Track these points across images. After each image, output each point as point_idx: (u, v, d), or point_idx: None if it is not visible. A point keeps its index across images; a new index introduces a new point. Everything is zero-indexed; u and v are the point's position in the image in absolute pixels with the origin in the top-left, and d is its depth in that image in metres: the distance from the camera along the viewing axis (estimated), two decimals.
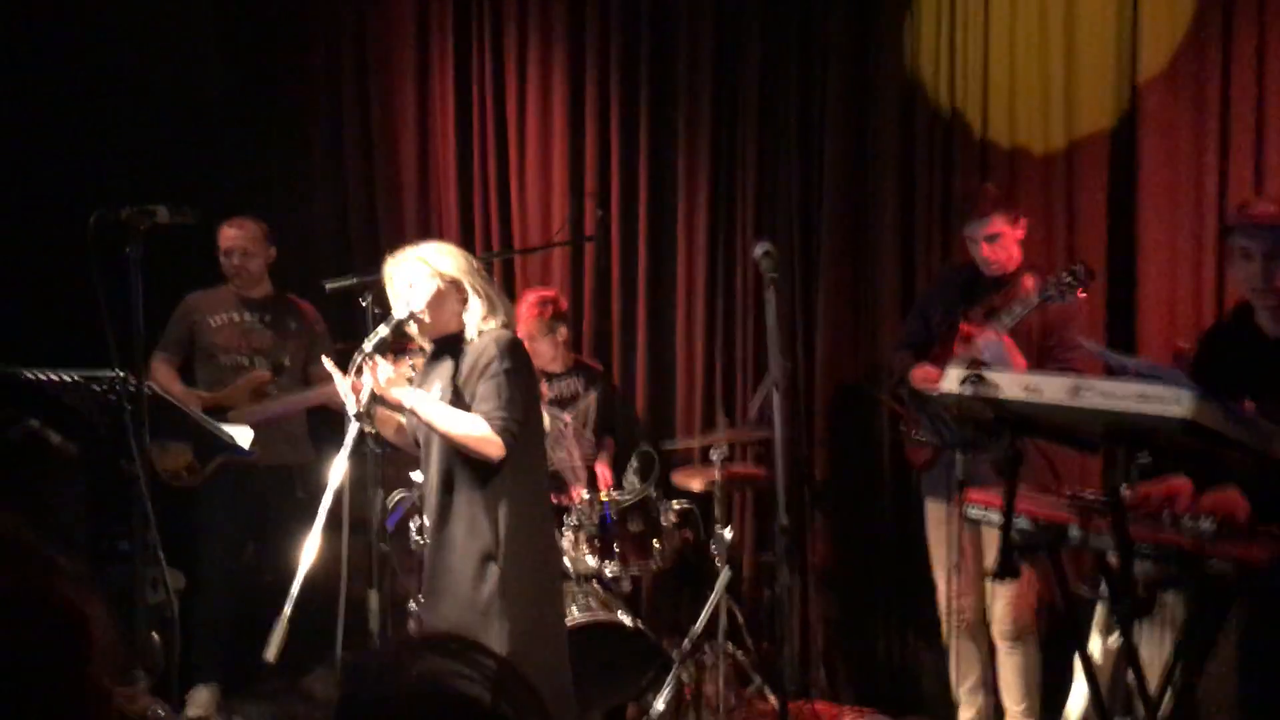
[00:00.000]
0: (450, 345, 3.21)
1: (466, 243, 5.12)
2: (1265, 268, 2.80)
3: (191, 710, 4.37)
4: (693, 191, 4.80)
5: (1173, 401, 2.35)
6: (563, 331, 4.61)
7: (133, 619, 2.50)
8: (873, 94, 4.52)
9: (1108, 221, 4.20)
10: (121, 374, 2.53)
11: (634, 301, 4.91)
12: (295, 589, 2.72)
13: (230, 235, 4.53)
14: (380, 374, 2.99)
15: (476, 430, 3.06)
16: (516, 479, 3.14)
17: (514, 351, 3.14)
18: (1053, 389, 2.62)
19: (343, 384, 3.07)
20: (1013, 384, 2.74)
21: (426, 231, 5.12)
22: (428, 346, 3.26)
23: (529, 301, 4.61)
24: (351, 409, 3.00)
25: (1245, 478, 2.68)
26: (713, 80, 4.74)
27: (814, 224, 4.61)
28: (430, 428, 3.10)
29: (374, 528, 3.10)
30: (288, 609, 2.70)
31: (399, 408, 3.11)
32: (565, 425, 4.64)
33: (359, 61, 5.31)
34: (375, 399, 3.00)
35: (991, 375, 2.80)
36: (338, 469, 2.89)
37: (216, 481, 4.46)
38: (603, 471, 4.58)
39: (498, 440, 3.06)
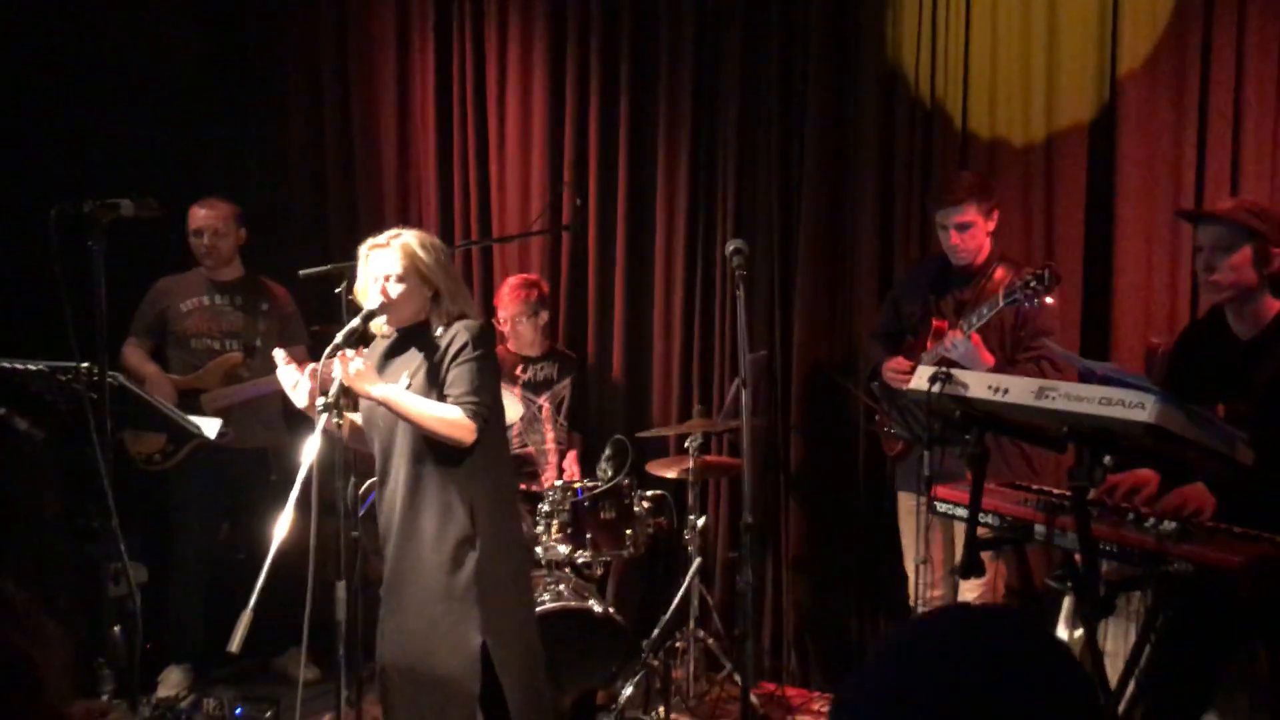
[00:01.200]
0: (414, 335, 3.21)
1: (446, 230, 5.11)
2: (1206, 259, 2.83)
3: (163, 690, 4.38)
4: (672, 181, 4.78)
5: (1136, 405, 2.37)
6: (544, 315, 4.67)
7: (98, 609, 2.49)
8: (853, 84, 4.50)
9: (1085, 213, 4.19)
10: (86, 366, 2.51)
11: (611, 291, 4.90)
12: (261, 580, 2.72)
13: (200, 215, 4.51)
14: (350, 367, 2.99)
15: (449, 415, 3.07)
16: (488, 464, 3.17)
17: (484, 339, 3.17)
18: (1018, 390, 2.64)
19: (286, 377, 3.08)
20: (980, 384, 2.76)
21: (405, 218, 5.09)
22: (385, 333, 3.24)
23: (513, 284, 4.64)
24: (299, 402, 3.01)
25: (1210, 480, 2.70)
26: (693, 69, 4.72)
27: (793, 214, 4.60)
28: (403, 417, 3.09)
29: (342, 514, 3.10)
30: (252, 600, 2.70)
31: (368, 399, 3.10)
32: (540, 409, 4.65)
33: (338, 46, 5.26)
34: (344, 390, 2.99)
35: (959, 374, 2.83)
36: (309, 452, 2.88)
37: (190, 464, 4.47)
38: (570, 466, 4.59)
39: (470, 424, 3.09)
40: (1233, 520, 2.66)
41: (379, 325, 3.22)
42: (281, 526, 2.80)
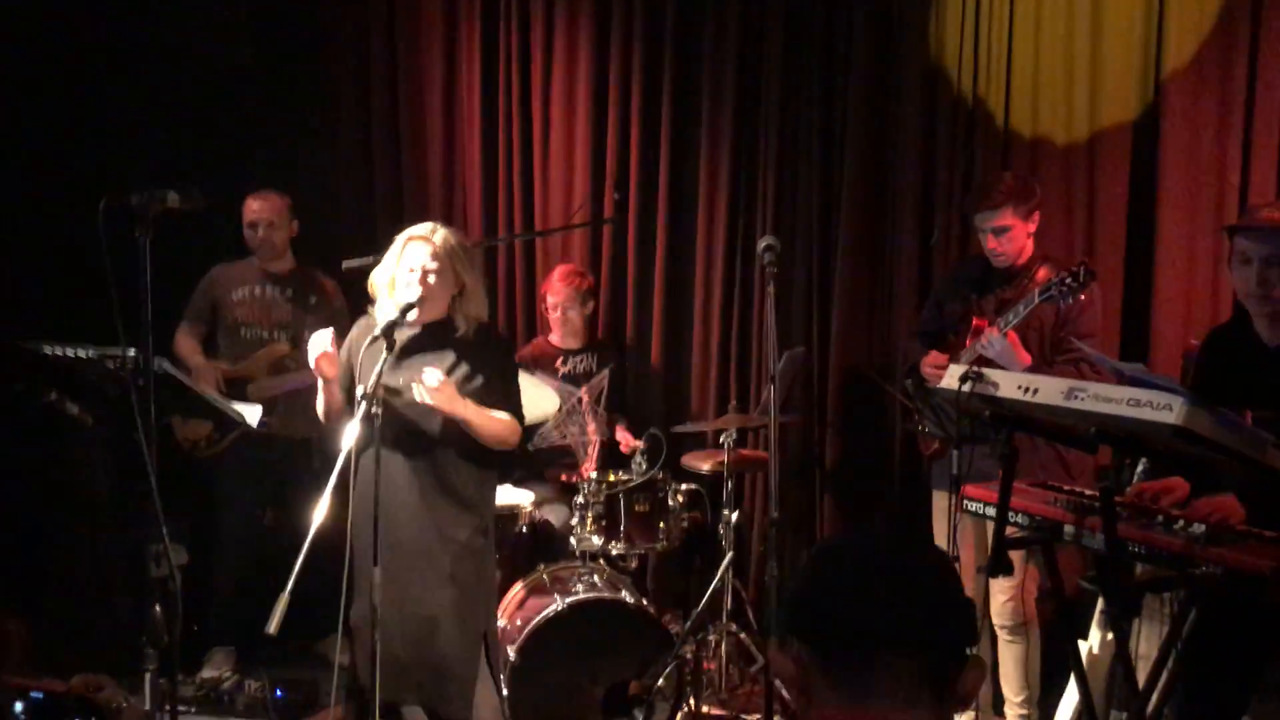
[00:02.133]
0: (438, 332, 3.30)
1: (489, 223, 5.18)
2: (1261, 273, 2.77)
3: (208, 672, 4.48)
4: (713, 177, 4.81)
5: (1164, 407, 2.37)
6: (590, 305, 4.76)
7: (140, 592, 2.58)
8: (896, 82, 4.50)
9: (1127, 214, 4.18)
10: (132, 353, 2.59)
11: (650, 286, 4.94)
12: (298, 564, 2.79)
13: (255, 208, 4.60)
14: (430, 382, 3.11)
15: (509, 426, 3.33)
16: (500, 462, 3.44)
17: (510, 345, 3.51)
18: (1048, 390, 2.63)
19: (317, 349, 3.17)
20: (1010, 383, 2.77)
21: (450, 212, 5.18)
22: (403, 319, 3.28)
23: (564, 271, 4.72)
24: (360, 390, 3.07)
25: (1240, 485, 2.68)
26: (736, 66, 4.74)
27: (834, 211, 4.61)
28: (474, 432, 3.25)
29: (377, 501, 3.15)
30: (290, 584, 2.77)
31: (452, 415, 3.22)
32: (579, 401, 4.70)
33: (387, 42, 5.33)
34: (381, 382, 3.05)
35: (989, 374, 2.83)
36: (347, 439, 2.95)
37: (236, 451, 4.56)
38: (624, 436, 4.64)
39: (520, 429, 3.39)
40: (1263, 525, 2.65)
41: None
42: (319, 512, 2.87)
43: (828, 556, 1.39)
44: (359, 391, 3.04)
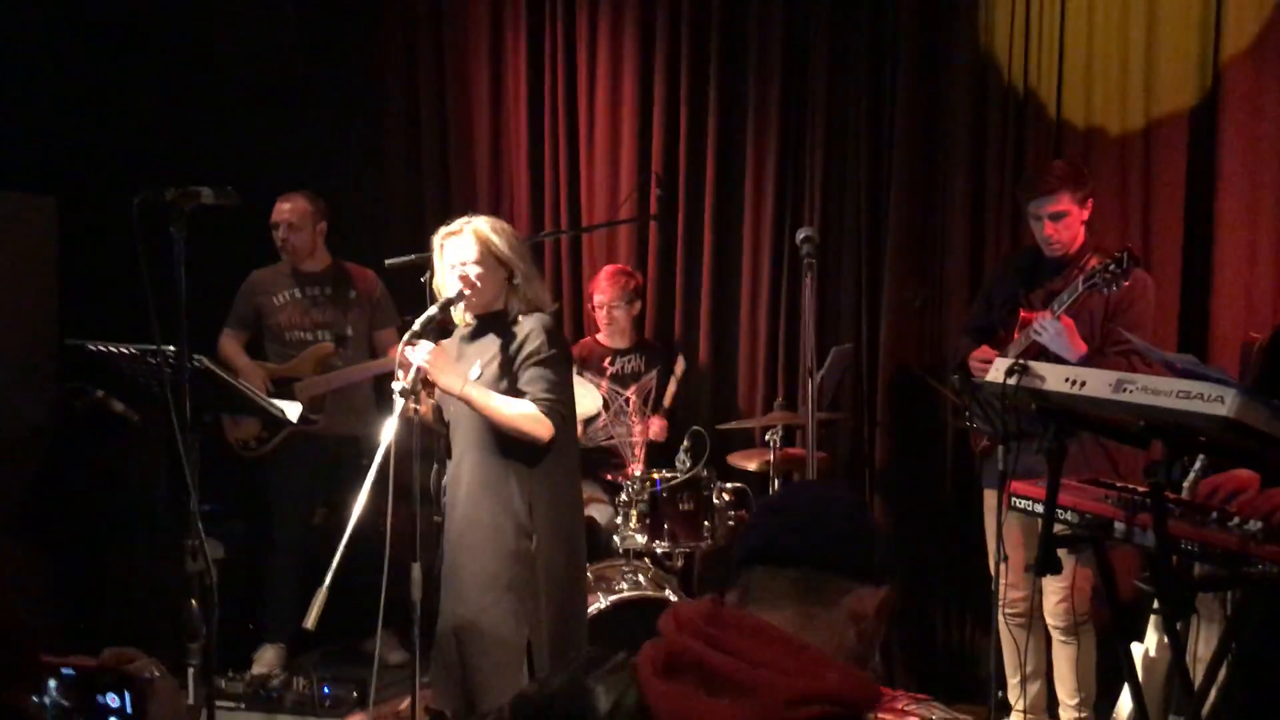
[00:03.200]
0: (492, 323, 3.25)
1: (535, 219, 5.18)
2: None
3: (258, 668, 4.53)
4: (760, 171, 4.76)
5: (1215, 399, 2.29)
6: (637, 305, 4.74)
7: (180, 588, 2.60)
8: (944, 72, 4.42)
9: (1185, 205, 4.06)
10: (172, 349, 2.62)
11: (698, 282, 4.90)
12: (336, 560, 2.80)
13: (279, 210, 4.64)
14: (433, 361, 3.05)
15: (526, 412, 3.13)
16: (555, 461, 3.20)
17: (558, 336, 3.23)
18: (1095, 382, 2.56)
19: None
20: (1056, 376, 2.69)
21: (497, 208, 5.19)
22: (468, 321, 3.29)
23: (611, 271, 4.70)
24: (398, 384, 3.06)
25: None
26: (782, 59, 4.68)
27: (882, 205, 4.54)
28: (483, 414, 3.14)
29: (418, 498, 3.16)
30: (328, 579, 2.78)
31: (450, 393, 3.16)
32: (627, 402, 4.68)
33: (434, 38, 5.36)
34: (420, 378, 3.05)
35: (1036, 367, 2.76)
36: (386, 436, 2.95)
37: (288, 450, 4.61)
38: (656, 427, 4.58)
39: (548, 422, 3.14)
40: None
41: (459, 315, 3.28)
42: (358, 508, 2.88)
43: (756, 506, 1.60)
44: (396, 387, 3.04)
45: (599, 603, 3.81)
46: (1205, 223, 4.01)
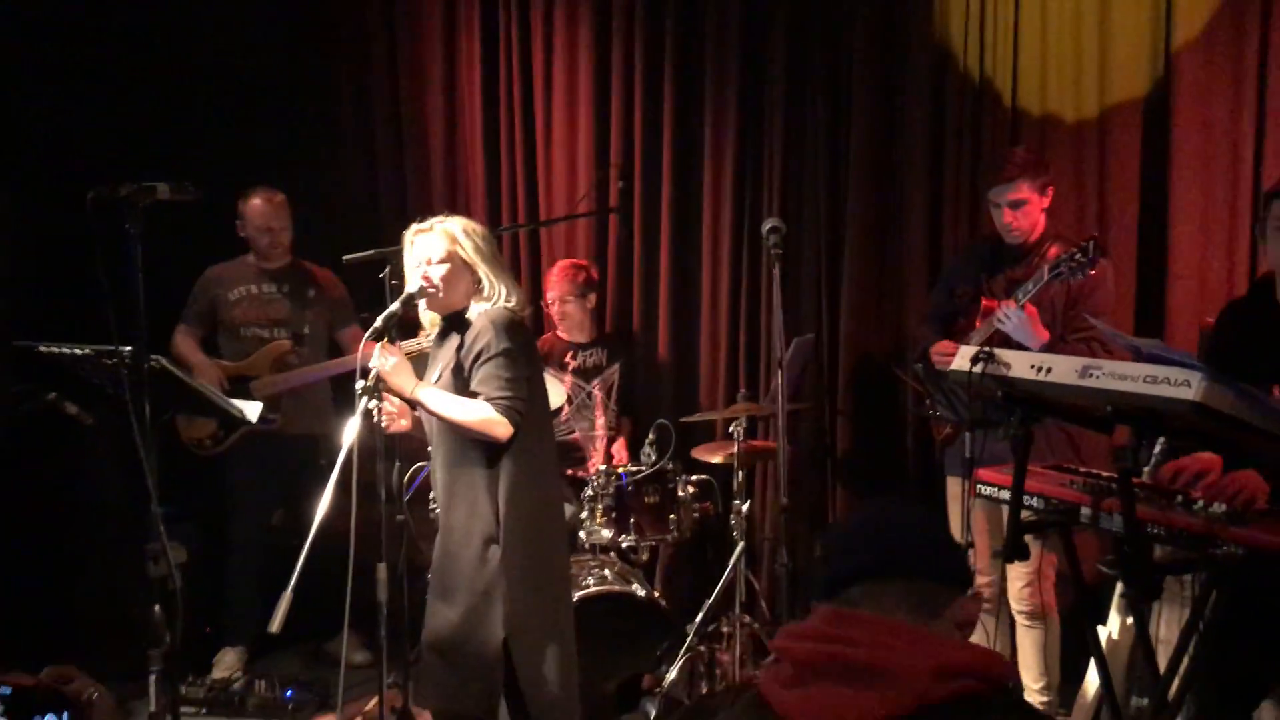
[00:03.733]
0: (455, 323, 3.21)
1: (493, 214, 5.13)
2: None
3: (218, 672, 4.46)
4: (719, 163, 4.75)
5: (1182, 383, 2.30)
6: (592, 299, 4.69)
7: (141, 593, 2.54)
8: (901, 62, 4.44)
9: (1140, 191, 4.11)
10: (127, 349, 2.55)
11: (657, 276, 4.89)
12: (301, 562, 2.75)
13: (266, 210, 4.55)
14: (387, 363, 3.01)
15: (481, 413, 3.04)
16: (519, 460, 3.11)
17: (512, 331, 3.10)
18: (1062, 368, 2.57)
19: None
20: (1022, 363, 2.70)
21: (453, 203, 5.14)
22: (434, 323, 3.26)
23: (562, 265, 4.68)
24: (360, 383, 3.01)
25: (1264, 462, 2.62)
26: (739, 50, 4.68)
27: (841, 196, 4.55)
28: (436, 417, 3.10)
29: (384, 498, 3.12)
30: (293, 581, 2.73)
31: (400, 395, 3.12)
32: (590, 396, 4.65)
33: (388, 37, 5.30)
34: (378, 379, 3.01)
35: (1001, 354, 2.77)
36: (348, 435, 2.91)
37: (244, 449, 4.54)
38: (618, 451, 4.59)
39: (504, 420, 3.05)
40: None
41: (430, 317, 3.24)
42: (321, 509, 2.83)
43: (828, 534, 1.56)
44: (359, 386, 2.99)
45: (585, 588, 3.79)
46: (1160, 209, 4.06)
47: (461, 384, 3.10)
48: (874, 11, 4.43)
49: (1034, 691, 3.87)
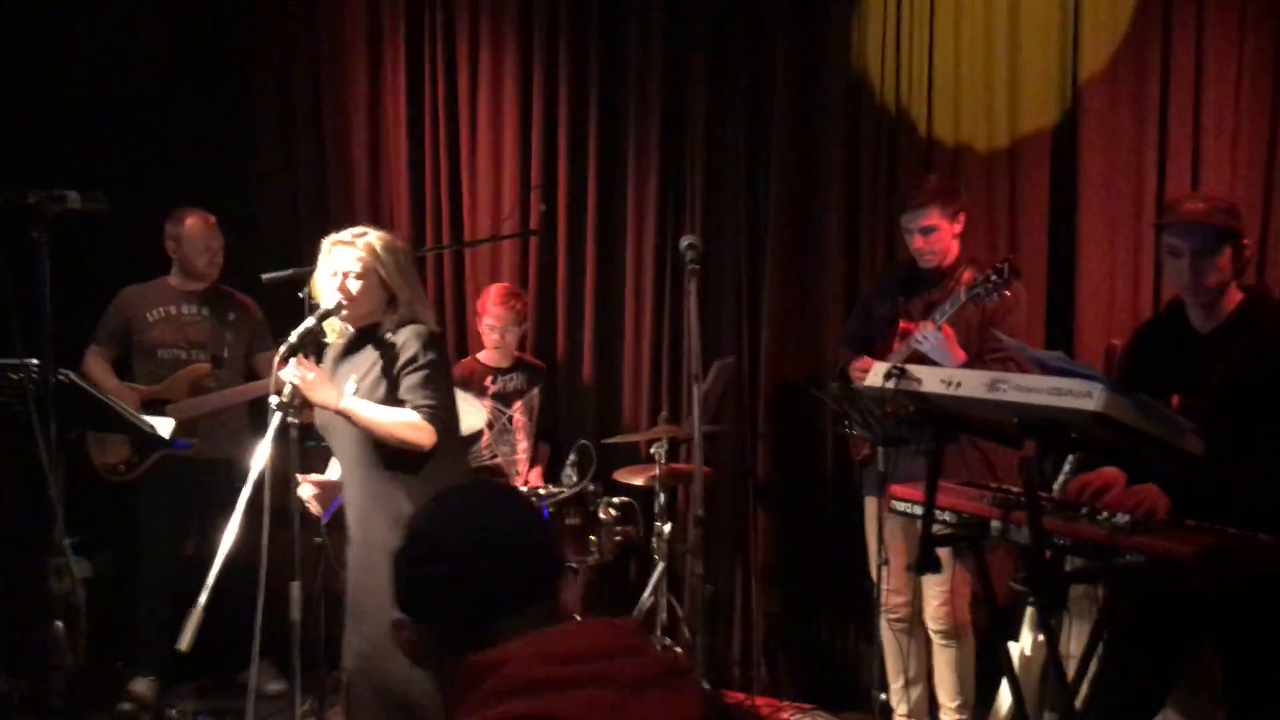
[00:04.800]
0: (365, 337, 3.19)
1: (418, 238, 5.11)
2: (1193, 265, 2.81)
3: (128, 703, 4.33)
4: (642, 186, 4.79)
5: (1084, 395, 2.37)
6: (525, 326, 4.68)
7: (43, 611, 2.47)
8: (819, 92, 4.53)
9: (1049, 218, 4.23)
10: (35, 363, 2.50)
11: (581, 298, 4.90)
12: (211, 579, 2.71)
13: (206, 231, 4.51)
14: (306, 376, 2.98)
15: (406, 419, 3.06)
16: (440, 468, 3.12)
17: (435, 345, 3.15)
18: (971, 383, 2.64)
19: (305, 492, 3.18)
20: (933, 378, 2.76)
21: (378, 222, 5.09)
22: (338, 331, 3.22)
23: (502, 292, 4.61)
24: (274, 399, 2.98)
25: (1165, 474, 2.70)
26: (662, 77, 4.73)
27: (761, 221, 4.62)
28: (365, 428, 3.07)
29: (297, 520, 3.08)
30: (202, 599, 2.69)
31: (327, 410, 3.09)
32: (509, 420, 4.64)
33: (310, 54, 5.27)
34: (296, 394, 2.98)
35: (914, 369, 2.83)
36: (259, 457, 2.87)
37: (157, 475, 4.44)
38: (535, 478, 4.58)
39: (429, 428, 3.08)
40: (1187, 514, 2.66)
41: (334, 325, 3.21)
42: (231, 531, 2.79)
43: (429, 539, 1.54)
44: (273, 402, 2.96)
45: None
46: (1068, 235, 4.19)
47: (384, 394, 3.09)
48: (794, 40, 4.52)
49: (950, 710, 3.92)
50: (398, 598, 1.51)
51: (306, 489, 3.19)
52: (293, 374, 3.00)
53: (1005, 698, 3.65)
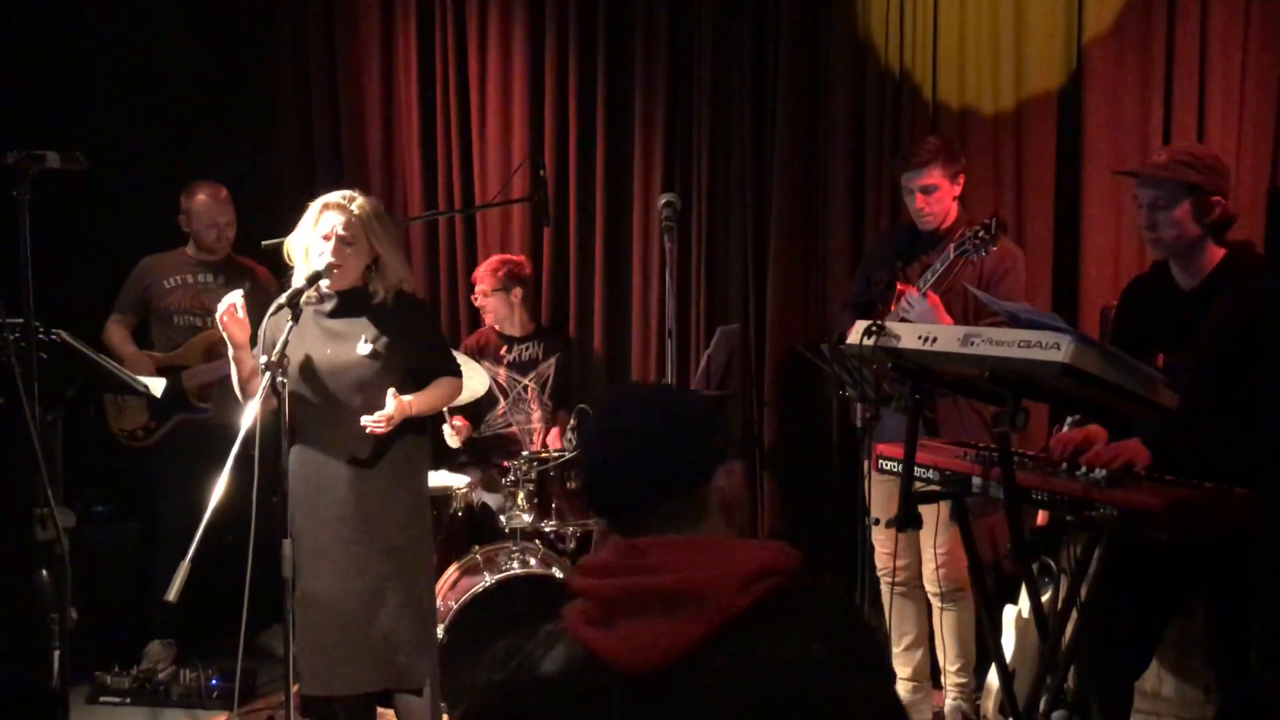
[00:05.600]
0: (357, 301, 3.26)
1: (428, 205, 5.16)
2: (1148, 217, 2.81)
3: (145, 663, 4.44)
4: (649, 155, 4.80)
5: (1052, 346, 2.37)
6: (518, 292, 4.70)
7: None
8: (824, 56, 4.51)
9: (1055, 179, 4.19)
10: (35, 323, 2.57)
11: (591, 267, 4.93)
12: (199, 533, 2.77)
13: (214, 206, 4.59)
14: (377, 426, 3.15)
15: (448, 390, 3.41)
16: (428, 429, 3.33)
17: (433, 311, 3.36)
18: (945, 337, 2.64)
19: (224, 308, 3.21)
20: (910, 334, 2.76)
21: (391, 199, 5.17)
22: (322, 293, 3.26)
23: (489, 261, 4.72)
24: (263, 359, 3.03)
25: (1146, 430, 2.68)
26: (668, 45, 4.74)
27: (767, 188, 4.61)
28: (423, 413, 3.29)
29: (286, 479, 3.14)
30: (190, 552, 2.75)
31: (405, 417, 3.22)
32: (525, 389, 4.68)
33: (325, 29, 5.33)
34: (284, 350, 3.03)
35: (892, 326, 2.83)
36: (248, 415, 2.93)
37: (173, 440, 4.54)
38: (553, 440, 4.62)
39: (458, 382, 3.46)
40: (1170, 471, 2.64)
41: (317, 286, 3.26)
42: (219, 488, 2.85)
43: (588, 442, 1.62)
44: (262, 361, 3.01)
45: (484, 581, 3.81)
46: (1073, 198, 4.14)
47: (403, 358, 3.25)
48: (798, 6, 4.50)
49: (952, 674, 3.91)
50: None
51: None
52: (369, 421, 3.14)
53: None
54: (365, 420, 3.14)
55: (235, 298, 3.15)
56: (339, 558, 3.20)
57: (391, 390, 3.16)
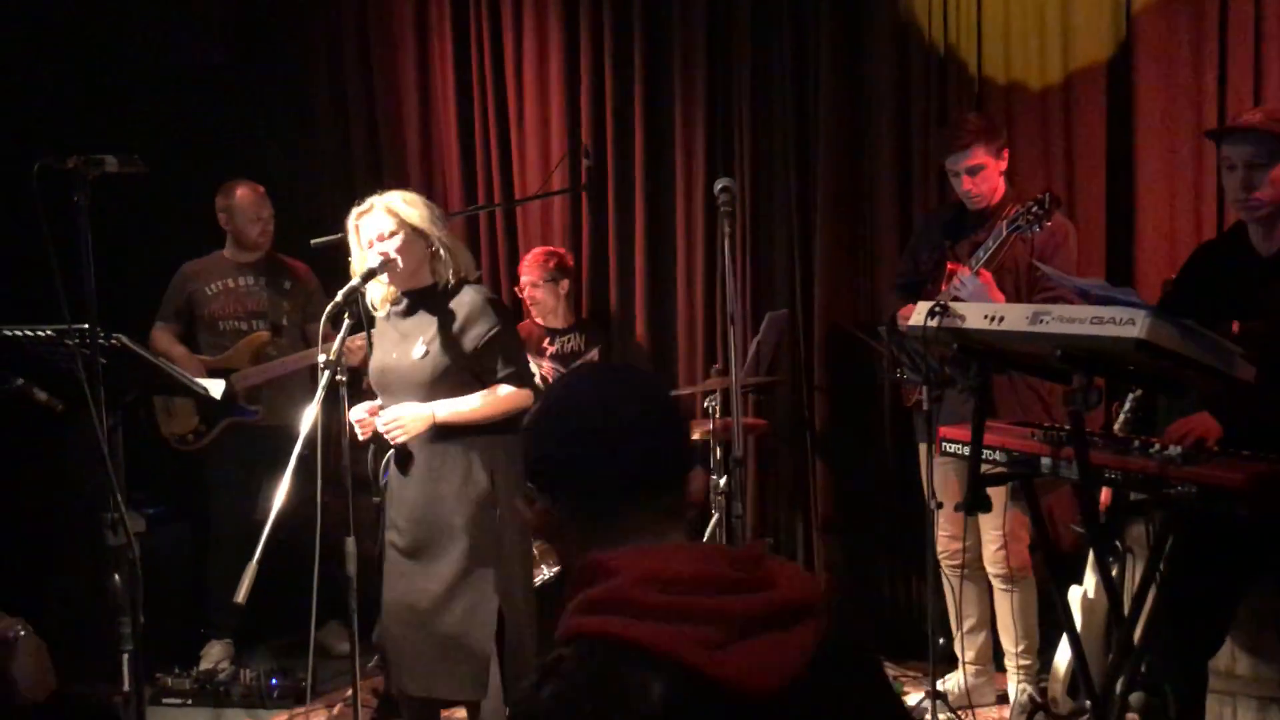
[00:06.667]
0: (425, 298, 3.22)
1: (468, 200, 5.14)
2: (1245, 176, 2.73)
3: (205, 664, 4.47)
4: (689, 141, 4.76)
5: (1127, 322, 2.32)
6: (565, 284, 4.70)
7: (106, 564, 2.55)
8: (866, 35, 4.45)
9: (1107, 153, 4.11)
10: (87, 327, 2.56)
11: (631, 255, 4.89)
12: (264, 536, 2.77)
13: (257, 201, 4.61)
14: (400, 419, 3.10)
15: (499, 397, 3.17)
16: (509, 427, 3.15)
17: (498, 304, 3.26)
18: (1013, 316, 2.59)
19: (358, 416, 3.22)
20: (976, 314, 2.72)
21: (430, 190, 5.14)
22: (395, 297, 3.25)
23: (535, 252, 4.73)
24: (322, 358, 3.02)
25: (1215, 406, 2.63)
26: (706, 27, 4.69)
27: (811, 169, 4.56)
28: (465, 422, 3.14)
29: (351, 480, 3.14)
30: (257, 554, 2.75)
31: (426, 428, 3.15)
32: None
33: (359, 22, 5.32)
34: (343, 349, 3.03)
35: (956, 306, 2.78)
36: (308, 417, 2.92)
37: (227, 443, 4.56)
38: None
39: (525, 391, 3.20)
40: (1240, 444, 2.59)
41: (382, 294, 3.24)
42: (282, 489, 2.85)
43: (558, 415, 1.45)
44: (320, 360, 3.00)
45: (543, 575, 3.79)
46: (1126, 171, 4.07)
47: (452, 358, 3.14)
48: None
49: (1015, 655, 3.87)
50: (526, 467, 1.46)
51: (357, 412, 3.22)
52: (380, 426, 3.11)
53: (1065, 651, 3.59)
54: (378, 424, 3.12)
55: (360, 413, 3.19)
56: (419, 558, 3.18)
57: (405, 405, 3.12)
